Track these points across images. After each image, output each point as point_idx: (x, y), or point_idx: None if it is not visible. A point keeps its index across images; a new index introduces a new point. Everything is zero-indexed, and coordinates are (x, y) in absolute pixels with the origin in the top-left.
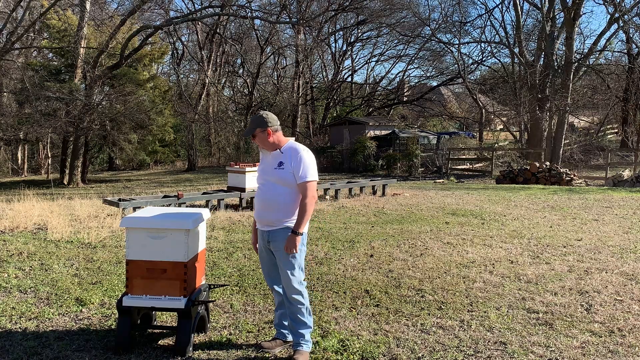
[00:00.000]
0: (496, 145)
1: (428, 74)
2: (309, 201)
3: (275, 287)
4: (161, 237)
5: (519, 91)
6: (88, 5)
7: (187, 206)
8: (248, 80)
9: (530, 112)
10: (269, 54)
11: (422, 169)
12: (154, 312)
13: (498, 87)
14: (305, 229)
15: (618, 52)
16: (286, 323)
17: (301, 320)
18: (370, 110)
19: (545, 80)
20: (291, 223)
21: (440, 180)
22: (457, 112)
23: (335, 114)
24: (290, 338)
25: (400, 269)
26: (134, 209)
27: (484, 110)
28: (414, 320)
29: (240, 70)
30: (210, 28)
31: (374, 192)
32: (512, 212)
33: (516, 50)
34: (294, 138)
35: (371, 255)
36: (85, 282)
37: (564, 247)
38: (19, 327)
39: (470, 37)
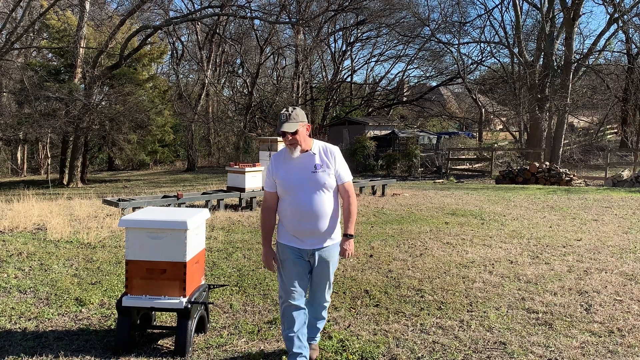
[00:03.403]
0: (496, 145)
1: (427, 74)
2: (352, 201)
3: (301, 304)
4: (160, 237)
5: (519, 91)
6: (87, 6)
7: (186, 206)
8: (247, 81)
9: (529, 112)
10: (269, 54)
11: (422, 169)
12: (153, 312)
13: (497, 87)
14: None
15: (617, 52)
16: (306, 343)
17: (322, 317)
18: (370, 110)
19: (544, 81)
20: (336, 234)
21: (440, 181)
22: (456, 112)
23: (334, 114)
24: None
25: (400, 269)
26: (134, 209)
27: (483, 111)
28: (413, 320)
29: (240, 71)
30: (209, 28)
31: (374, 192)
32: (511, 212)
33: (516, 50)
34: None
35: (371, 256)
36: (84, 282)
37: (564, 247)
38: (19, 327)
39: (469, 37)
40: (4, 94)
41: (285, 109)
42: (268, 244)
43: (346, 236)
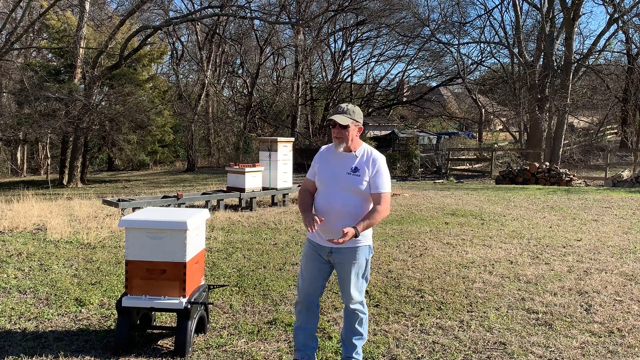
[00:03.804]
0: (496, 145)
1: (427, 75)
2: (381, 209)
3: (311, 304)
4: (160, 238)
5: (519, 91)
6: (87, 6)
7: (186, 206)
8: (247, 81)
9: (529, 112)
10: (269, 54)
11: (422, 169)
12: (153, 313)
13: (497, 87)
14: (370, 241)
15: (617, 52)
16: (313, 344)
17: (357, 331)
18: (370, 110)
19: (544, 81)
20: (359, 239)
21: (440, 181)
22: (456, 113)
23: None
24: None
25: (400, 269)
26: (134, 209)
27: (483, 111)
28: (413, 320)
29: (240, 71)
30: (209, 28)
31: None
32: (511, 212)
33: (515, 50)
34: (293, 139)
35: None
36: (84, 283)
37: (564, 247)
38: (19, 328)
39: (469, 37)
40: (4, 94)
41: (345, 104)
42: (307, 210)
43: (354, 228)
